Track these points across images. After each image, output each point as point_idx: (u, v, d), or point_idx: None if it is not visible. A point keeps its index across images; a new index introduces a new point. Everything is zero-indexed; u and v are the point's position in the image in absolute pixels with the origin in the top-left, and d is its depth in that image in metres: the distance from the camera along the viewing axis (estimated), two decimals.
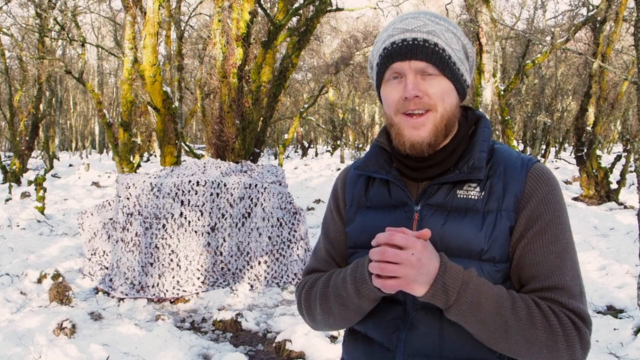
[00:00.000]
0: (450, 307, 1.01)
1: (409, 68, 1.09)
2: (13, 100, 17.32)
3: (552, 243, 1.09)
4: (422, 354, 1.10)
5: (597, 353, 4.12)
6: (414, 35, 1.09)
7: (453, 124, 1.14)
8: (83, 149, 41.57)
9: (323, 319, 1.22)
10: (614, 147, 31.00)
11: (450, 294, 1.00)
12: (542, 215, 1.09)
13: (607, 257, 6.64)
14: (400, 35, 1.10)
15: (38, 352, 3.98)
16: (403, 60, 1.09)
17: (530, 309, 1.03)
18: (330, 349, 4.17)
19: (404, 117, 1.11)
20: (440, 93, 1.10)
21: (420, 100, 1.09)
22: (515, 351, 1.04)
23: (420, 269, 0.98)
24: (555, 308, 1.04)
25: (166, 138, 8.23)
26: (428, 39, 1.09)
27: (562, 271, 1.07)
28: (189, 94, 18.97)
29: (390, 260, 0.97)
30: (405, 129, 1.11)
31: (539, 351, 1.02)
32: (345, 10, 12.51)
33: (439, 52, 1.09)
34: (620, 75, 8.33)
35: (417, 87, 1.08)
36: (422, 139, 1.10)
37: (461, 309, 1.01)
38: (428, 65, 1.09)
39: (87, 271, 6.35)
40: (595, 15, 10.67)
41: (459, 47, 1.13)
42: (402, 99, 1.09)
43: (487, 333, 1.02)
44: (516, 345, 1.03)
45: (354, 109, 29.48)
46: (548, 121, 17.73)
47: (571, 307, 1.05)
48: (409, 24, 1.11)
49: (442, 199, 1.13)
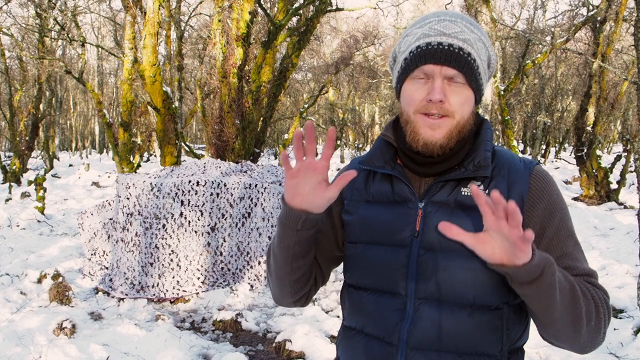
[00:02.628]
0: (539, 277, 0.99)
1: (440, 73, 1.10)
2: (13, 100, 17.31)
3: (567, 238, 1.15)
4: (424, 348, 1.10)
5: (597, 353, 4.12)
6: (450, 40, 1.09)
7: (467, 130, 1.16)
8: (83, 149, 41.57)
9: (268, 271, 1.27)
10: (614, 147, 31.01)
11: (540, 265, 0.99)
12: (554, 215, 1.14)
13: (607, 257, 6.64)
14: (437, 37, 1.10)
15: (38, 352, 3.98)
16: (436, 64, 1.09)
17: (580, 284, 1.09)
18: (331, 349, 4.17)
19: (422, 117, 1.11)
20: (461, 102, 1.11)
21: (442, 105, 1.10)
22: (577, 324, 1.06)
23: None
24: (590, 288, 1.11)
25: (166, 138, 8.23)
26: (463, 48, 1.09)
27: (580, 261, 1.15)
28: (189, 94, 18.98)
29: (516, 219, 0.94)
30: (422, 128, 1.12)
31: (588, 323, 1.07)
32: (345, 10, 12.51)
33: (470, 62, 1.10)
34: (620, 75, 8.32)
35: (443, 92, 1.09)
36: (436, 140, 1.11)
37: (547, 281, 1.00)
38: (458, 74, 1.10)
39: (87, 271, 6.35)
40: (595, 15, 10.67)
41: (485, 58, 1.15)
42: (426, 100, 1.10)
43: (560, 308, 1.03)
44: (579, 319, 1.05)
45: (354, 109, 29.48)
46: (548, 121, 17.73)
47: (599, 286, 1.14)
48: (446, 27, 1.11)
49: (446, 196, 1.14)
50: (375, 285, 1.16)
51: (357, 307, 1.21)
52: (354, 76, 22.75)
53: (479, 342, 1.09)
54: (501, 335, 1.11)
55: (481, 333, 1.09)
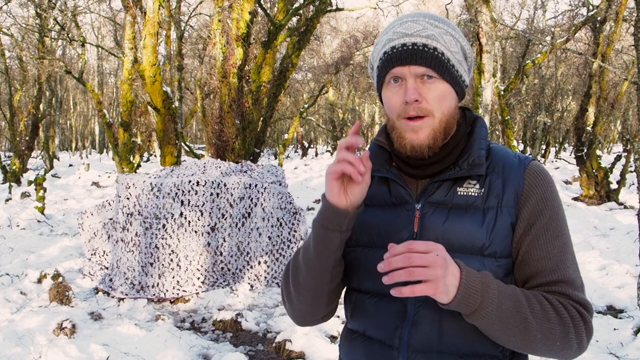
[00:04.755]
0: (476, 311, 1.00)
1: (409, 73, 1.10)
2: (13, 100, 17.31)
3: (554, 238, 1.12)
4: (426, 350, 1.10)
5: (597, 353, 4.12)
6: (413, 39, 1.10)
7: (452, 126, 1.16)
8: (83, 149, 41.57)
9: (297, 290, 1.19)
10: (614, 147, 31.01)
11: (475, 297, 0.99)
12: (544, 212, 1.12)
13: (607, 257, 6.64)
14: (400, 39, 1.11)
15: (38, 352, 3.98)
16: (403, 65, 1.10)
17: (543, 304, 1.05)
18: (331, 349, 4.17)
19: (405, 121, 1.12)
20: (438, 98, 1.11)
21: (419, 105, 1.10)
22: (532, 346, 1.06)
23: (447, 268, 0.97)
24: (563, 301, 1.08)
25: (166, 138, 8.23)
26: (427, 44, 1.10)
27: (565, 265, 1.11)
28: (189, 94, 18.98)
29: (418, 264, 0.95)
30: (407, 132, 1.12)
31: (553, 344, 1.05)
32: (345, 10, 12.52)
33: (438, 56, 1.10)
34: (620, 75, 8.33)
35: (417, 91, 1.10)
36: (421, 142, 1.11)
37: (487, 311, 1.00)
38: (428, 70, 1.10)
39: (87, 271, 6.35)
40: (595, 15, 10.67)
41: (458, 49, 1.15)
42: (403, 103, 1.11)
43: (508, 332, 1.03)
44: (534, 341, 1.04)
45: (354, 109, 29.49)
46: (548, 121, 17.74)
47: (577, 298, 1.09)
48: (408, 28, 1.12)
49: (442, 197, 1.14)
50: (376, 288, 1.16)
51: (359, 310, 1.21)
52: (354, 76, 22.75)
53: (480, 343, 1.10)
54: None
55: (481, 334, 1.09)
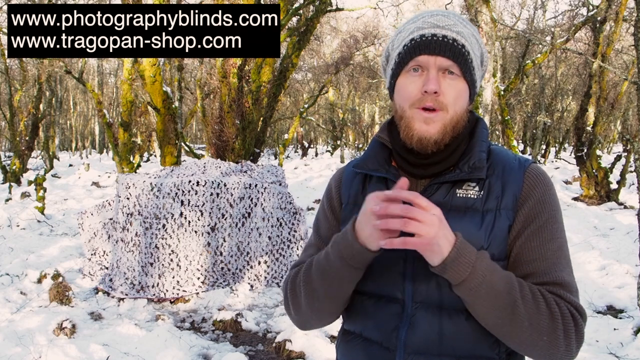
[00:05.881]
0: (464, 281, 1.00)
1: (434, 63, 1.09)
2: (13, 100, 17.31)
3: (549, 241, 1.10)
4: (422, 352, 1.10)
5: (597, 353, 4.12)
6: (444, 32, 1.10)
7: (460, 126, 1.15)
8: (83, 149, 41.56)
9: (307, 303, 1.18)
10: (614, 147, 30.98)
11: (465, 266, 0.99)
12: (540, 215, 1.11)
13: (607, 257, 6.63)
14: (431, 29, 1.10)
15: (38, 352, 3.98)
16: (430, 54, 1.09)
17: (535, 294, 1.04)
18: (330, 349, 4.17)
19: (418, 111, 1.10)
20: (455, 95, 1.10)
21: (437, 97, 1.09)
22: (518, 336, 1.04)
23: (442, 229, 0.97)
24: (556, 298, 1.06)
25: (166, 138, 8.23)
26: (457, 39, 1.10)
27: (559, 268, 1.09)
28: (189, 94, 18.99)
29: (415, 217, 0.95)
30: (416, 122, 1.10)
31: (539, 337, 1.03)
32: (345, 10, 12.52)
33: (464, 54, 1.10)
34: (620, 75, 8.33)
35: (439, 83, 1.09)
36: (430, 135, 1.10)
37: (475, 283, 1.00)
38: (453, 65, 1.09)
39: (87, 271, 6.35)
40: (595, 15, 10.67)
41: (479, 54, 1.15)
42: (421, 92, 1.09)
43: (495, 312, 1.02)
44: (520, 329, 1.02)
45: (354, 109, 29.49)
46: (548, 121, 17.74)
47: (570, 300, 1.07)
48: (439, 20, 1.11)
49: (442, 198, 1.13)
50: (373, 289, 1.16)
51: (356, 311, 1.20)
52: (354, 76, 22.75)
53: (477, 345, 1.09)
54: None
55: (478, 336, 1.08)
